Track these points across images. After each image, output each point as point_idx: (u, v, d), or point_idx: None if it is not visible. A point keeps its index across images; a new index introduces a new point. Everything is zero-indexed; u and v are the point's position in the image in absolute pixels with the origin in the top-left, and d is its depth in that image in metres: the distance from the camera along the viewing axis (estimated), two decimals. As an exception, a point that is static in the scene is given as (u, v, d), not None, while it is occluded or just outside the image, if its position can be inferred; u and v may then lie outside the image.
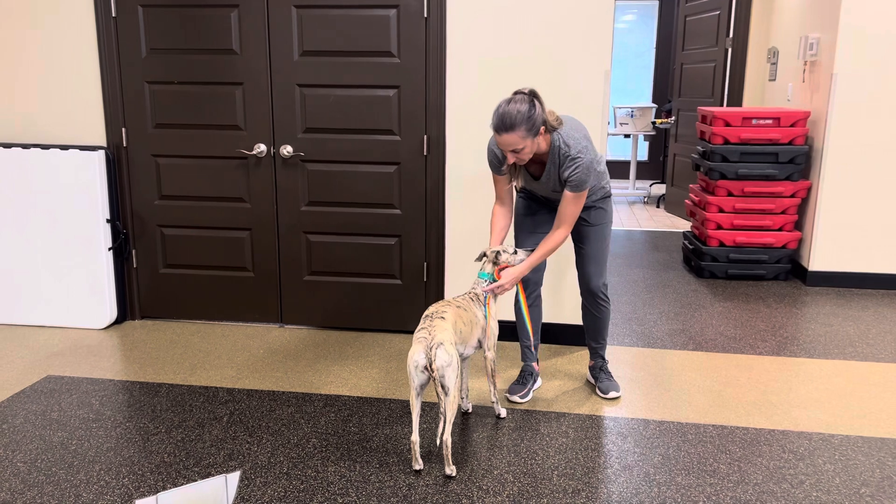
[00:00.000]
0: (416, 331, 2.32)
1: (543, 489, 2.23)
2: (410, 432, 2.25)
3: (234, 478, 1.96)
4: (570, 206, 2.54)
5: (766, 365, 3.24)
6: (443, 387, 2.21)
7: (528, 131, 2.38)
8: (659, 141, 8.56)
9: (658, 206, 7.24)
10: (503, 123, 2.37)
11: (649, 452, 2.47)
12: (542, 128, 2.42)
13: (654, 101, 8.57)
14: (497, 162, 2.62)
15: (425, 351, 2.20)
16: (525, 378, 2.91)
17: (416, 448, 2.30)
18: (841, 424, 2.68)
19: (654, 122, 7.42)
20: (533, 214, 2.80)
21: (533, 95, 2.41)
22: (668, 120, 7.04)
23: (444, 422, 2.20)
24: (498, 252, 2.61)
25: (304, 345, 3.43)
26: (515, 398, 2.84)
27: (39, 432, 2.56)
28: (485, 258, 2.64)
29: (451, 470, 2.28)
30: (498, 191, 2.69)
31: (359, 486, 2.24)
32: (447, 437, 2.25)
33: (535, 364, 2.94)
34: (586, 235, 2.78)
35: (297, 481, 2.26)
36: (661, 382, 3.05)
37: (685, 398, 2.89)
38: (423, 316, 2.40)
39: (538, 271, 2.85)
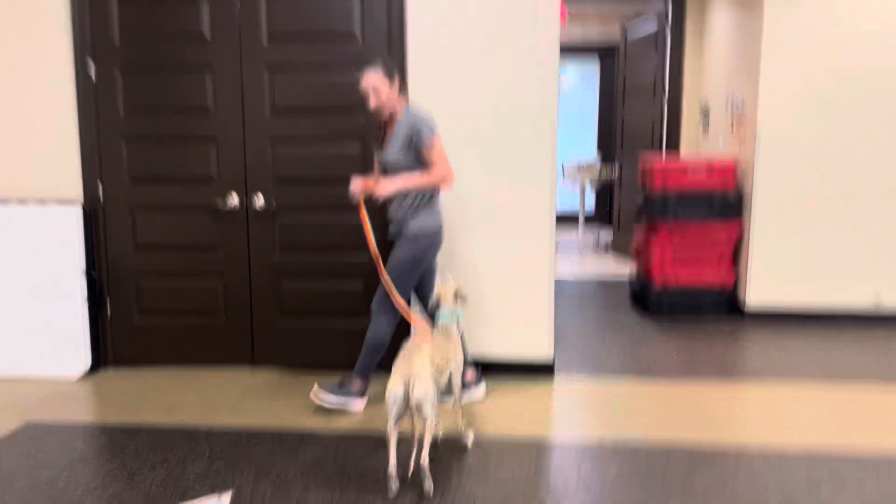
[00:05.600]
0: (395, 363, 2.52)
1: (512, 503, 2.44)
2: (387, 459, 2.44)
3: (226, 497, 2.11)
4: (433, 153, 2.99)
5: (708, 389, 3.52)
6: (420, 415, 2.40)
7: (385, 73, 2.98)
8: (605, 191, 9.02)
9: (606, 252, 7.62)
10: (368, 65, 3.01)
11: (605, 469, 2.69)
12: (398, 82, 3.01)
13: (599, 154, 9.05)
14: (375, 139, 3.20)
15: (403, 383, 2.40)
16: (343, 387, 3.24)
17: (392, 474, 2.48)
18: (775, 438, 2.96)
19: (599, 174, 7.86)
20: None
21: (390, 63, 3.04)
22: (613, 171, 7.47)
23: (421, 447, 2.40)
24: (448, 288, 2.88)
25: (278, 385, 3.58)
26: (327, 397, 3.18)
27: (26, 472, 2.65)
28: (438, 297, 2.87)
29: (429, 485, 2.46)
30: (374, 174, 3.27)
31: (339, 508, 2.40)
32: (425, 460, 2.43)
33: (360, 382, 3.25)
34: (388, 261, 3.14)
35: (281, 507, 2.41)
36: (613, 408, 3.29)
37: (635, 421, 3.14)
38: (402, 349, 2.60)
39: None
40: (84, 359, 3.70)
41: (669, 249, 4.95)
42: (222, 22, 3.56)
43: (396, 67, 3.06)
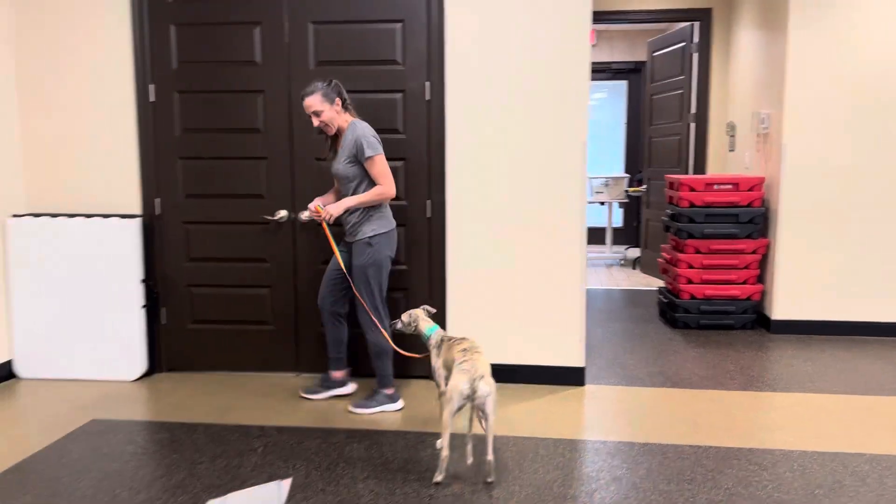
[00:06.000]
0: (463, 359, 2.67)
1: (548, 495, 2.59)
2: (443, 446, 2.62)
3: (286, 483, 2.31)
4: (374, 170, 3.29)
5: (734, 398, 3.65)
6: (483, 412, 2.60)
7: (324, 97, 3.25)
8: (632, 208, 9.16)
9: (634, 268, 7.75)
10: (305, 91, 3.28)
11: (635, 466, 2.84)
12: (339, 102, 3.28)
13: (626, 172, 9.21)
14: (327, 150, 3.49)
15: (469, 381, 2.59)
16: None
17: (445, 461, 2.68)
18: (799, 443, 3.08)
19: (627, 191, 8.01)
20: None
21: (335, 82, 3.30)
22: (641, 188, 7.62)
23: (489, 441, 2.63)
24: (422, 312, 3.14)
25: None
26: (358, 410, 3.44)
27: (96, 464, 2.88)
28: (414, 319, 3.10)
29: (492, 478, 2.68)
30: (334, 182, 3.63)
31: (387, 497, 2.58)
32: (491, 455, 2.65)
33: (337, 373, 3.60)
34: (350, 266, 3.44)
35: (332, 496, 2.60)
36: (642, 413, 3.44)
37: (664, 425, 3.28)
38: (462, 349, 2.75)
39: (341, 300, 3.51)
40: (140, 363, 3.94)
41: (696, 263, 5.08)
42: (273, 48, 3.82)
43: (336, 89, 3.29)
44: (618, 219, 9.38)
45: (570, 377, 3.84)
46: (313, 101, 3.26)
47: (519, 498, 2.58)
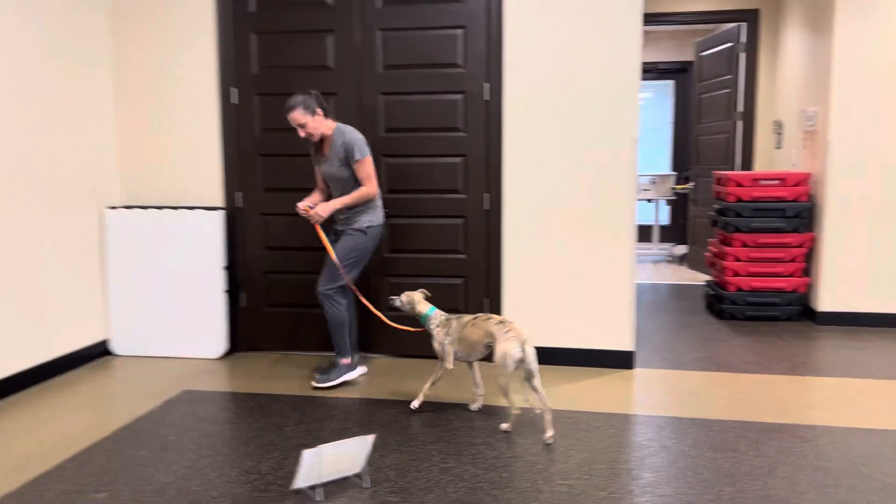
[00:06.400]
0: (503, 329, 3.06)
1: (603, 459, 2.85)
2: (508, 403, 3.07)
3: (370, 438, 2.61)
4: (361, 172, 3.60)
5: (779, 381, 3.83)
6: (530, 371, 2.98)
7: (305, 109, 3.52)
8: (679, 206, 9.28)
9: (681, 264, 7.89)
10: (287, 106, 3.55)
11: (683, 437, 3.07)
12: (320, 111, 3.55)
13: (673, 170, 9.34)
14: (313, 154, 3.76)
15: (520, 345, 2.98)
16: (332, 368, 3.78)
17: (513, 414, 3.15)
18: (841, 420, 3.27)
19: (674, 188, 8.16)
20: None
21: (314, 93, 3.56)
22: (688, 185, 7.77)
23: (542, 394, 3.03)
24: (419, 295, 3.45)
25: (389, 368, 4.09)
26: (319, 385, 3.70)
27: (195, 426, 3.23)
28: (411, 301, 3.41)
29: (550, 433, 3.03)
30: (317, 181, 3.84)
31: (455, 456, 2.87)
32: (546, 405, 3.05)
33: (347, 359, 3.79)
34: (336, 250, 3.67)
35: (406, 454, 2.89)
36: (689, 393, 3.66)
37: (709, 403, 3.50)
38: (497, 322, 3.12)
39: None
40: (223, 342, 4.31)
41: (743, 256, 5.25)
42: (345, 54, 4.15)
43: (315, 100, 3.55)
44: (664, 216, 9.52)
45: (620, 360, 4.07)
46: (296, 115, 3.54)
47: (577, 460, 2.84)
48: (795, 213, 5.17)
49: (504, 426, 3.15)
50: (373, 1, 4.09)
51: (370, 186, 3.63)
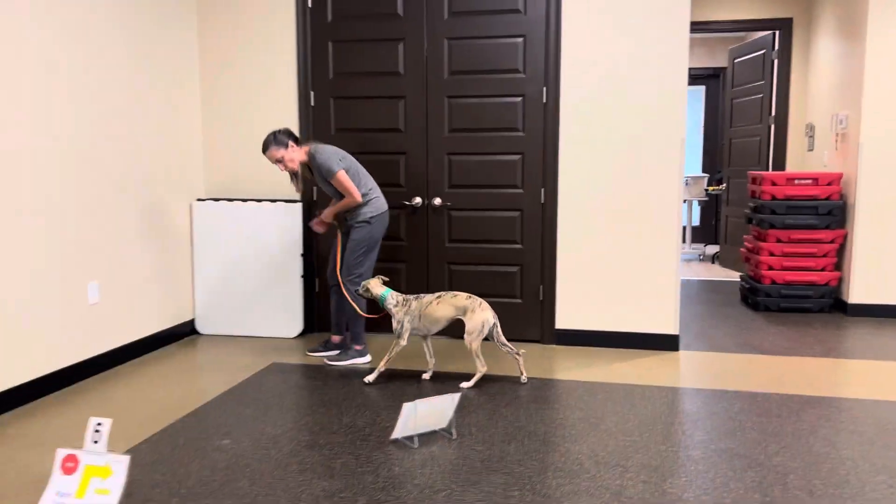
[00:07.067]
0: (476, 303, 3.66)
1: (659, 421, 3.20)
2: (482, 365, 3.35)
3: (457, 396, 2.99)
4: (338, 186, 3.96)
5: (814, 362, 4.16)
6: (499, 333, 3.71)
7: (277, 145, 3.93)
8: (710, 207, 9.58)
9: (713, 263, 8.20)
10: (263, 148, 3.97)
11: (729, 406, 3.42)
12: (292, 143, 3.95)
13: (704, 172, 9.64)
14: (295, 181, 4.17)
15: (492, 315, 3.65)
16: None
17: (480, 375, 3.76)
18: (873, 394, 3.59)
19: (707, 189, 8.47)
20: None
21: (283, 129, 3.98)
22: (720, 187, 8.08)
23: (510, 346, 3.67)
24: (376, 280, 3.87)
25: (449, 348, 4.47)
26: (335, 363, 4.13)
27: (290, 390, 3.63)
28: (367, 287, 3.82)
29: (525, 377, 3.71)
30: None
31: (525, 418, 3.24)
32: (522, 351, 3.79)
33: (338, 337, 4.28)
34: (346, 244, 4.11)
35: (482, 416, 3.27)
36: (731, 370, 3.99)
37: (751, 379, 3.83)
38: (466, 297, 3.68)
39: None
40: (299, 323, 4.72)
41: (778, 251, 5.57)
42: (414, 60, 4.55)
43: (284, 134, 3.95)
44: (696, 217, 9.82)
45: (666, 343, 4.41)
46: (272, 153, 3.96)
47: (635, 422, 3.20)
48: (828, 210, 5.48)
49: (466, 385, 3.68)
50: (441, 12, 4.49)
51: (350, 197, 3.97)
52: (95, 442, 2.39)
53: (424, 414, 2.94)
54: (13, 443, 3.00)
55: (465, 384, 3.69)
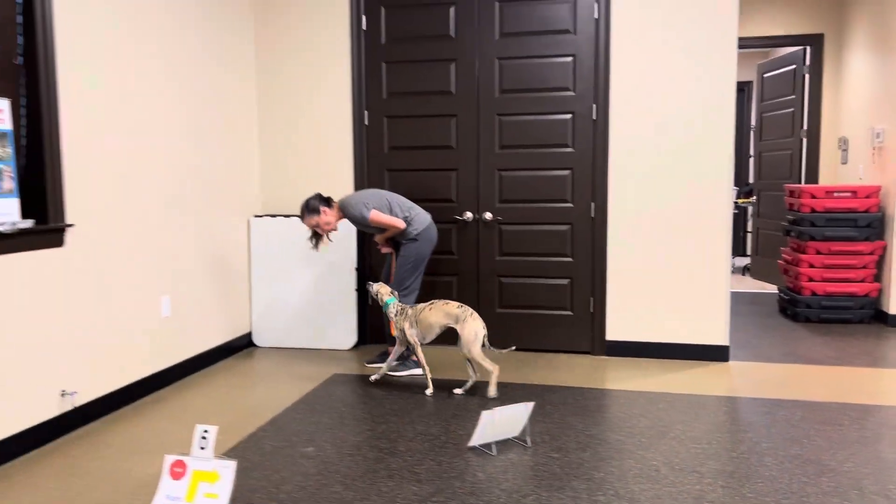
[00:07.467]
0: (468, 312, 3.77)
1: (723, 430, 3.29)
2: (478, 372, 3.40)
3: (531, 405, 3.10)
4: (378, 224, 4.14)
5: (863, 372, 4.24)
6: (486, 339, 3.83)
7: (312, 213, 4.14)
8: (738, 219, 9.66)
9: (743, 275, 8.27)
10: (302, 218, 4.18)
11: (790, 415, 3.50)
12: (323, 208, 4.14)
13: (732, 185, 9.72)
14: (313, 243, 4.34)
15: (482, 325, 3.75)
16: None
17: (472, 381, 4.00)
18: (929, 402, 3.67)
19: (736, 202, 8.56)
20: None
21: (315, 195, 4.17)
22: (750, 199, 8.17)
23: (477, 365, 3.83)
24: (386, 287, 4.08)
25: (507, 360, 4.57)
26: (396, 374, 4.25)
27: (359, 400, 3.75)
28: (378, 291, 4.02)
29: (494, 392, 3.77)
30: None
31: (591, 426, 3.33)
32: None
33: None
34: (397, 260, 4.26)
35: (552, 424, 3.37)
36: (784, 380, 4.08)
37: (805, 389, 3.92)
38: (458, 306, 3.80)
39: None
40: (353, 335, 4.84)
41: (817, 263, 5.65)
42: (465, 80, 4.69)
43: (316, 200, 4.14)
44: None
45: (716, 354, 4.50)
46: (310, 222, 4.16)
47: (700, 431, 3.29)
48: (867, 222, 5.56)
49: (491, 393, 3.77)
50: (492, 33, 4.63)
51: (392, 229, 4.18)
52: (203, 448, 2.51)
53: (501, 422, 3.05)
54: (112, 450, 3.12)
55: (490, 392, 3.79)
